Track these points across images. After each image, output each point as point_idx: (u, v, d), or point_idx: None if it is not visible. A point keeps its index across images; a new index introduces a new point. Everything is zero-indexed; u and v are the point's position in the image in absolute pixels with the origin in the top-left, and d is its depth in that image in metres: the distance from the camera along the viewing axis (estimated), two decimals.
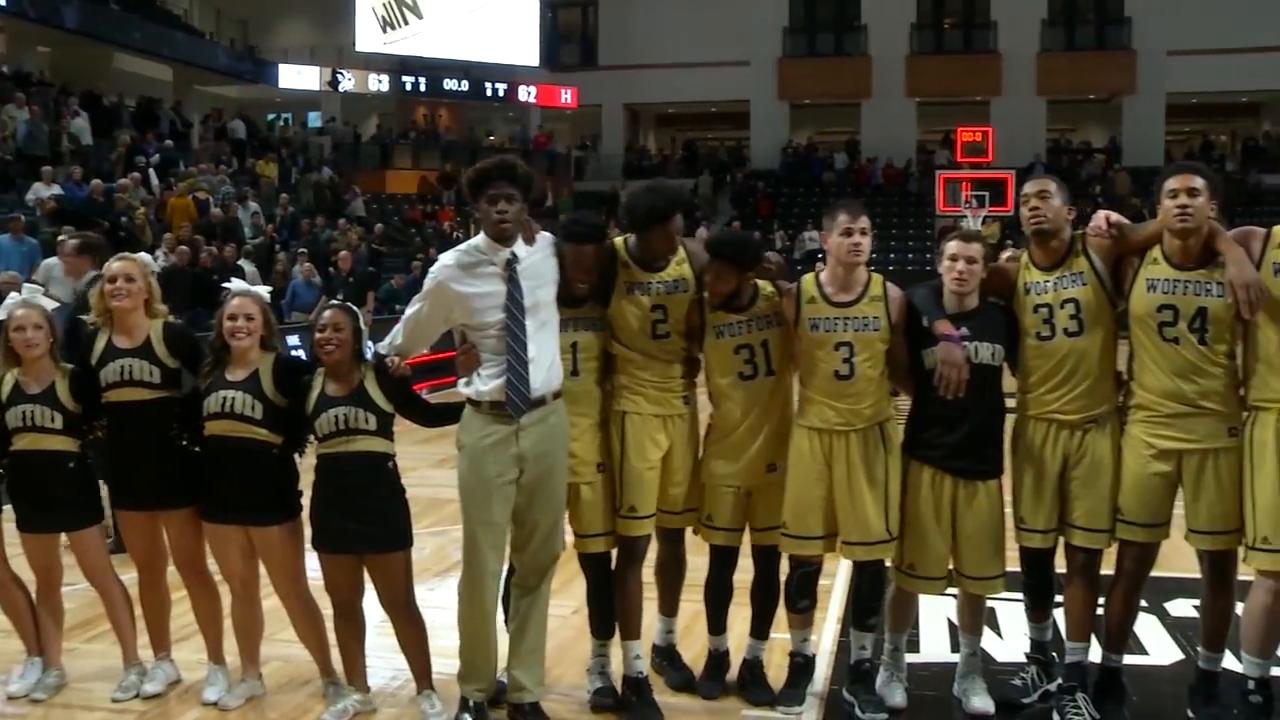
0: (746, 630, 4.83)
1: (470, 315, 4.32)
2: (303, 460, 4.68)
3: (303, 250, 18.35)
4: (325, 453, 4.45)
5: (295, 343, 12.95)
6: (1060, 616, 4.60)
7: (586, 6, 37.01)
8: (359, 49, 32.86)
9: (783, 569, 4.70)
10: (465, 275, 4.32)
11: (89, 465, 4.76)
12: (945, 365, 4.27)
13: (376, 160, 32.70)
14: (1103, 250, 4.35)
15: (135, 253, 4.91)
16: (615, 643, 4.70)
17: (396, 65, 33.70)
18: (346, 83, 33.33)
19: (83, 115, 21.17)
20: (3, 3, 23.04)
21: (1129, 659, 4.78)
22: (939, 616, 5.35)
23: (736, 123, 37.10)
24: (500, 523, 4.35)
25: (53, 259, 14.02)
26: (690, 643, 5.07)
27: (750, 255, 4.55)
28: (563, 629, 5.12)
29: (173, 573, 4.88)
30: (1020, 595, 4.74)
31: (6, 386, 4.66)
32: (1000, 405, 4.50)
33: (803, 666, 4.73)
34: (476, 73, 33.99)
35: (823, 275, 4.54)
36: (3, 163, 18.33)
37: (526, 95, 35.15)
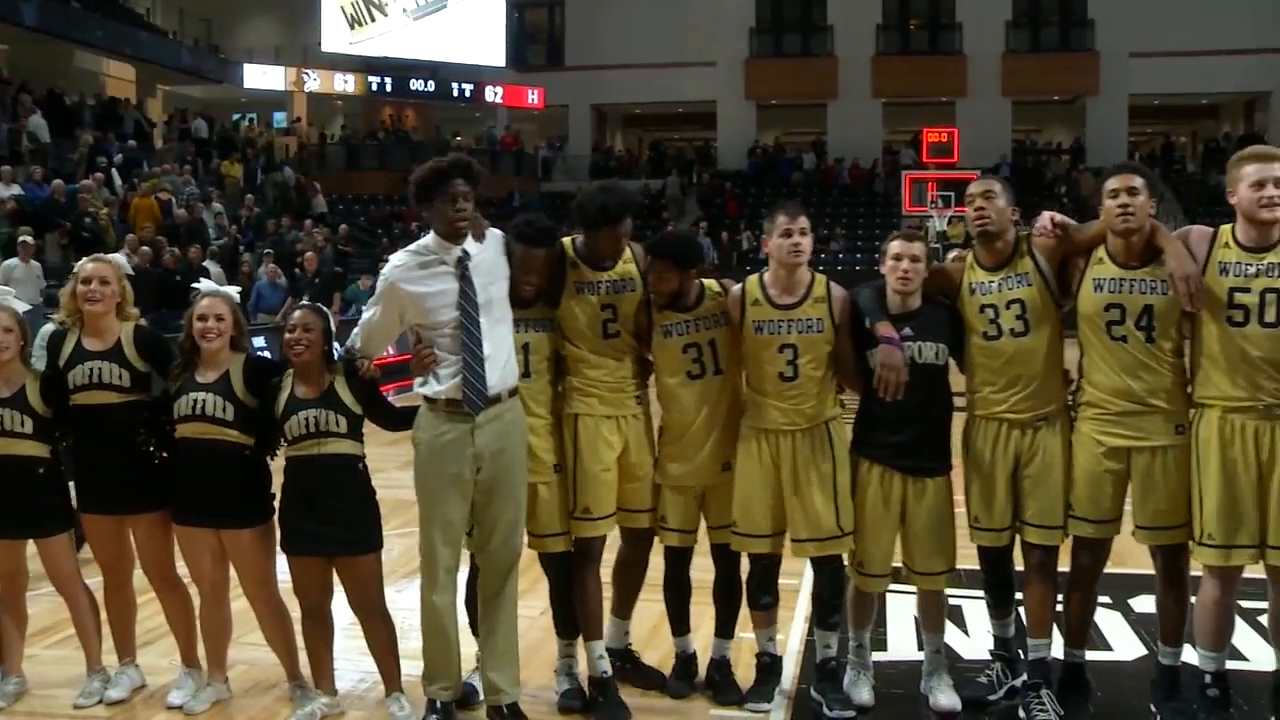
0: (713, 630, 4.83)
1: (424, 315, 4.30)
2: (274, 463, 4.64)
3: (268, 251, 18.25)
4: (295, 455, 4.42)
5: (261, 344, 12.87)
6: (1023, 613, 4.64)
7: (553, 7, 36.98)
8: (325, 49, 32.73)
9: (745, 568, 4.72)
10: (417, 275, 4.30)
11: (61, 472, 4.68)
12: (885, 368, 4.30)
13: (342, 161, 32.58)
14: (1047, 250, 4.39)
15: (105, 254, 4.84)
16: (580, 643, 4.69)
17: (362, 65, 33.57)
18: (312, 83, 33.18)
19: (38, 113, 20.95)
20: None
21: (1094, 655, 4.84)
22: (906, 615, 5.38)
23: (703, 123, 37.17)
24: (457, 521, 4.35)
25: (13, 260, 13.94)
26: (659, 643, 5.08)
27: (690, 254, 4.57)
28: (531, 630, 5.11)
29: (138, 576, 4.83)
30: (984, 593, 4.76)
31: None
32: (947, 403, 4.54)
33: (770, 666, 4.74)
34: (443, 73, 33.90)
35: (766, 277, 4.56)
36: None
37: (493, 96, 35.08)
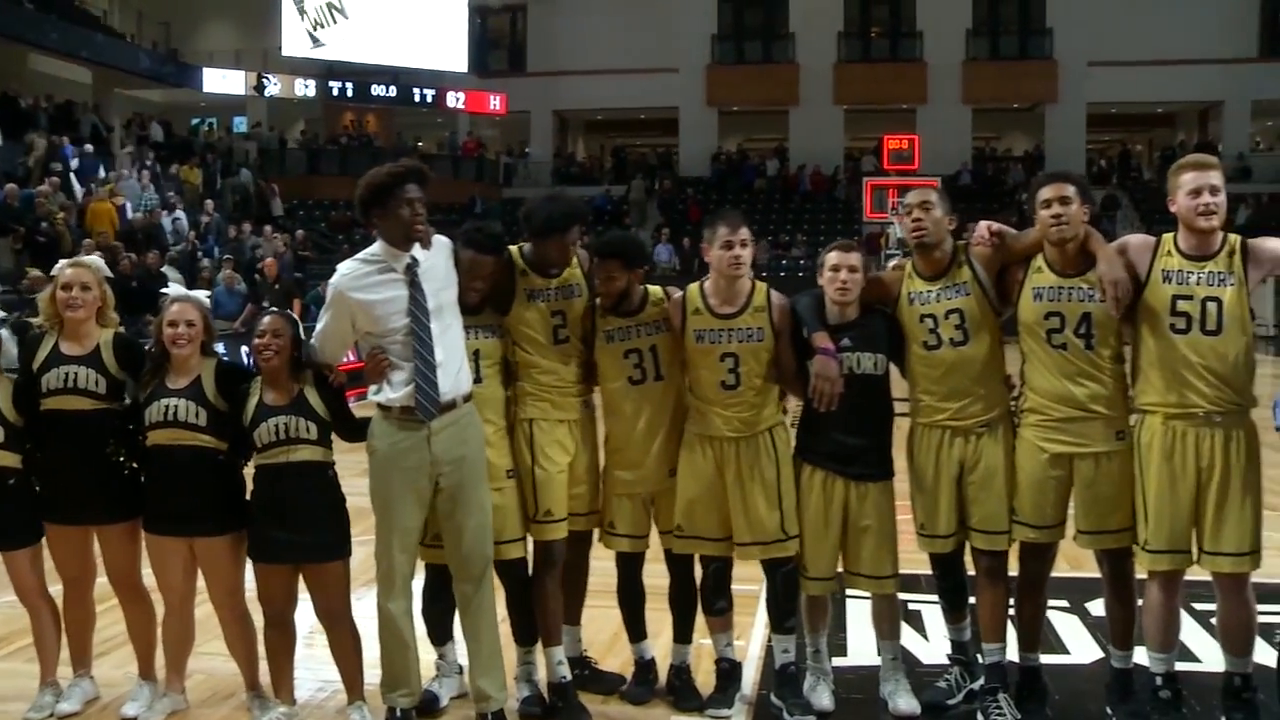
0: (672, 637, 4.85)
1: (374, 323, 4.29)
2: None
3: (227, 257, 18.11)
4: (265, 463, 4.39)
5: (221, 350, 12.75)
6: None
7: (515, 12, 36.96)
8: (285, 53, 32.48)
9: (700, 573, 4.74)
10: (365, 283, 4.29)
11: (30, 482, 4.54)
12: (819, 379, 4.34)
13: (303, 166, 32.36)
14: (985, 259, 4.44)
15: (83, 258, 4.75)
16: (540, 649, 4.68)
17: (323, 70, 33.35)
18: (272, 87, 32.92)
19: None
20: None
21: (1051, 658, 4.89)
22: (866, 619, 5.38)
23: (665, 129, 37.22)
24: (413, 528, 4.35)
25: None
26: (619, 650, 5.09)
27: (637, 252, 4.62)
28: None
29: (98, 585, 4.75)
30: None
31: None
32: (889, 410, 4.58)
33: (729, 672, 4.75)
34: (404, 78, 33.76)
35: (706, 286, 4.59)
36: None
37: (455, 101, 34.96)
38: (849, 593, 5.02)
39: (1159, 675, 4.34)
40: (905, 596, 5.20)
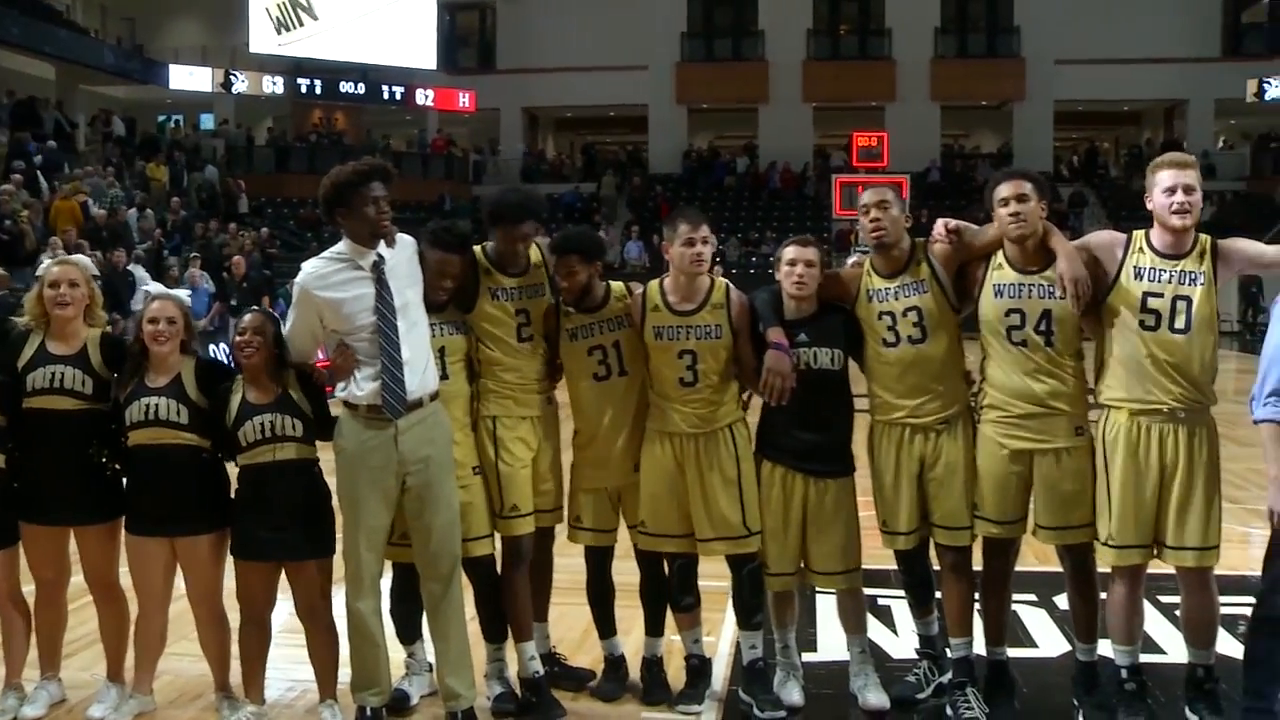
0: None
1: (341, 321, 4.28)
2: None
3: (194, 255, 17.98)
4: (250, 462, 4.36)
5: None
6: None
7: (484, 9, 36.86)
8: (253, 50, 32.29)
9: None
10: (332, 281, 4.28)
11: (13, 484, 4.47)
12: (770, 373, 4.35)
13: (271, 164, 32.15)
14: (944, 256, 4.47)
15: (70, 255, 4.70)
16: (510, 645, 4.69)
17: (291, 67, 33.17)
18: (240, 85, 32.71)
19: None
20: None
21: (1019, 652, 4.94)
22: (835, 615, 5.42)
23: (635, 127, 37.22)
24: (380, 527, 4.34)
25: None
26: (590, 647, 5.09)
27: (595, 246, 4.65)
28: None
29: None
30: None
31: None
32: (848, 406, 4.59)
33: (699, 668, 4.76)
34: (373, 76, 33.64)
35: (666, 283, 4.61)
36: None
37: (424, 99, 34.86)
38: (818, 588, 5.03)
39: (1124, 668, 4.37)
40: (874, 592, 5.24)
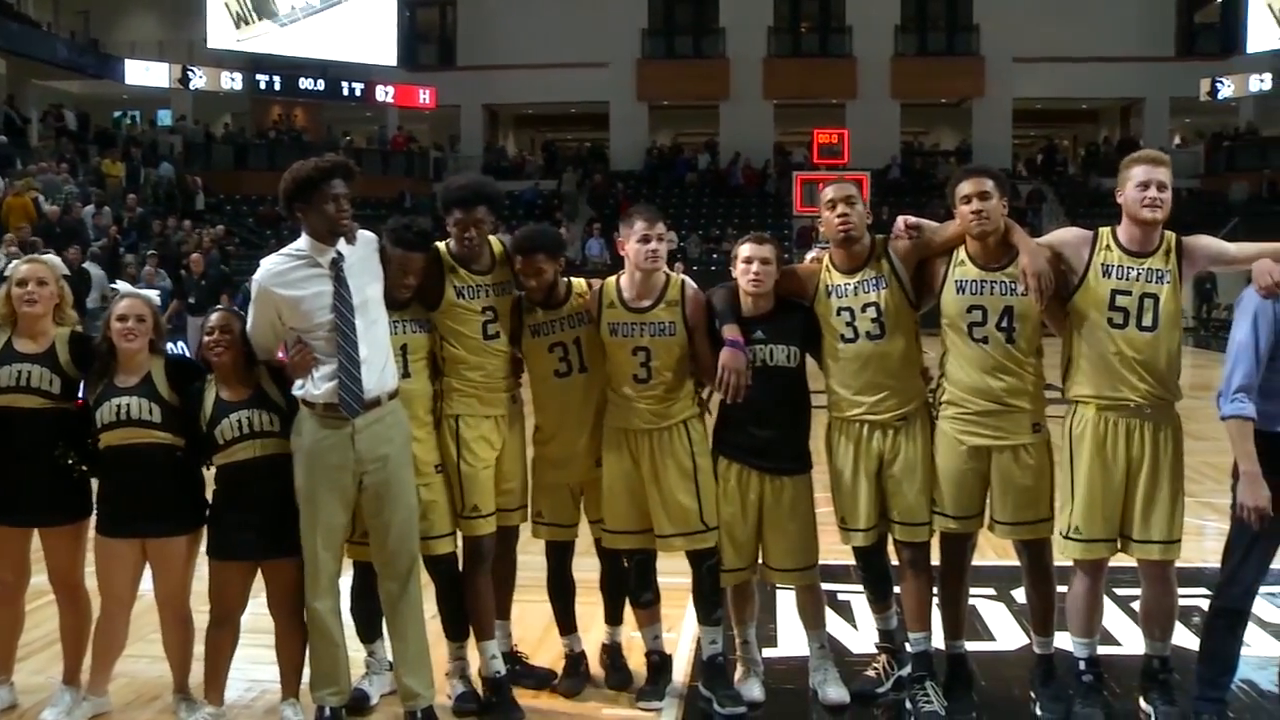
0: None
1: (299, 319, 4.25)
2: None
3: (151, 253, 17.81)
4: (229, 461, 4.32)
5: None
6: None
7: (445, 6, 36.70)
8: (211, 46, 32.02)
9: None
10: (290, 279, 4.24)
11: None
12: (724, 370, 4.35)
13: (230, 161, 31.87)
14: (903, 252, 4.48)
15: (35, 254, 4.62)
16: (472, 644, 4.67)
17: (250, 63, 32.92)
18: (198, 80, 32.42)
19: None
20: None
21: (978, 645, 4.98)
22: (795, 611, 5.44)
23: (596, 124, 37.19)
24: (337, 526, 4.31)
25: None
26: (551, 644, 5.09)
27: (557, 241, 4.65)
28: None
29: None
30: None
31: None
32: (804, 403, 4.60)
33: (659, 665, 4.77)
34: (333, 72, 33.42)
35: (622, 280, 4.61)
36: None
37: (384, 95, 34.69)
38: (776, 585, 5.04)
39: (1082, 660, 4.42)
40: (833, 587, 5.27)
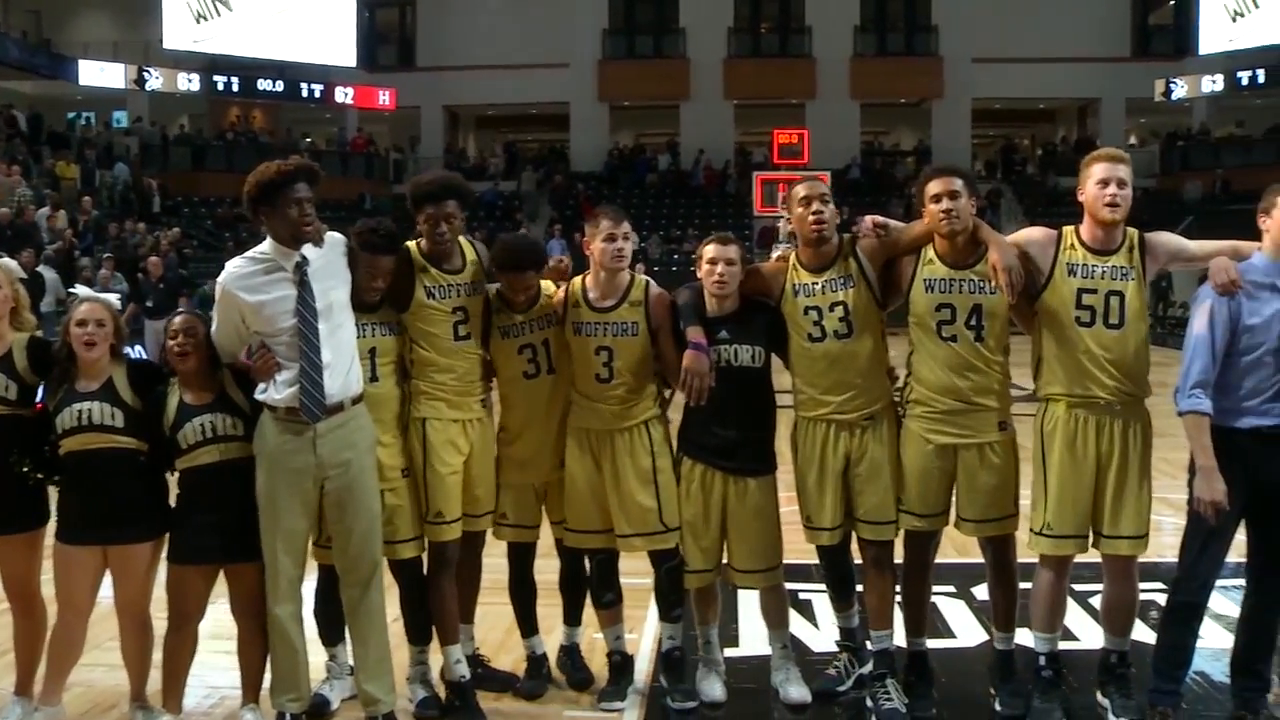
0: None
1: (262, 323, 4.21)
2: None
3: (107, 256, 17.60)
4: (192, 465, 4.27)
5: None
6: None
7: (404, 6, 36.50)
8: (167, 46, 31.68)
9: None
10: (253, 282, 4.20)
11: None
12: (688, 373, 4.35)
13: (187, 162, 31.56)
14: (870, 252, 4.50)
15: None
16: (434, 647, 4.66)
17: (207, 64, 32.60)
18: (154, 81, 32.08)
19: None
20: None
21: (938, 643, 5.00)
22: (757, 610, 5.45)
23: (557, 125, 37.11)
24: (298, 531, 4.28)
25: None
26: (512, 647, 5.07)
27: (539, 253, 4.63)
28: None
29: None
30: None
31: None
32: (769, 404, 4.61)
33: (621, 665, 4.77)
34: (291, 73, 33.17)
35: (588, 279, 4.61)
36: None
37: (344, 96, 34.48)
38: (740, 586, 5.05)
39: (1043, 655, 4.45)
40: (795, 586, 5.28)
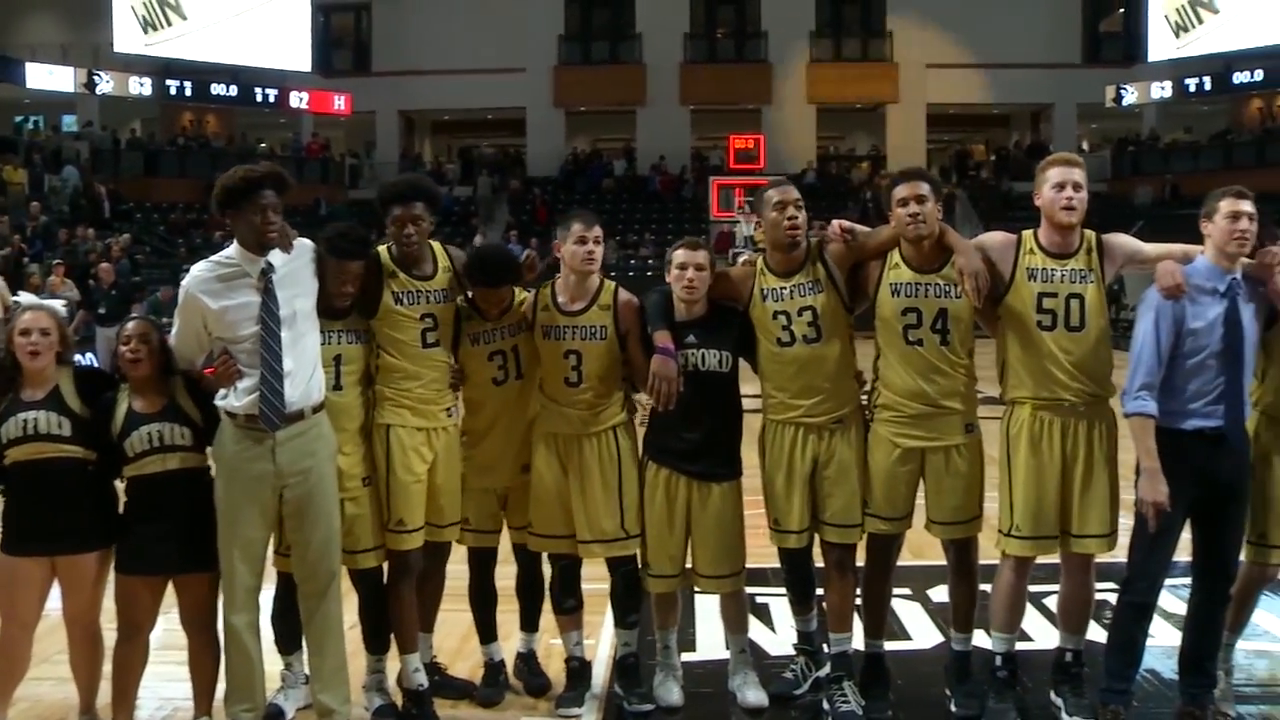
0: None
1: (224, 329, 4.16)
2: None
3: (57, 262, 17.38)
4: (138, 474, 4.21)
5: None
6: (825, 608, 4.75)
7: (360, 11, 36.31)
8: (117, 50, 31.25)
9: (548, 567, 4.77)
10: (217, 287, 4.16)
11: None
12: (655, 378, 4.36)
13: (139, 167, 31.20)
14: (837, 256, 4.52)
15: None
16: (391, 654, 4.64)
17: (159, 68, 32.21)
18: (104, 85, 31.64)
19: None
20: None
21: (894, 645, 5.02)
22: (714, 614, 5.44)
23: (513, 130, 37.05)
24: (256, 539, 4.23)
25: None
26: (470, 652, 5.06)
27: (516, 266, 4.58)
28: None
29: None
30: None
31: None
32: (735, 409, 4.61)
33: (579, 670, 4.76)
34: (246, 77, 32.89)
35: (558, 283, 4.60)
36: None
37: (299, 101, 34.21)
38: (703, 591, 5.06)
39: (1000, 655, 4.48)
40: (753, 590, 5.28)
